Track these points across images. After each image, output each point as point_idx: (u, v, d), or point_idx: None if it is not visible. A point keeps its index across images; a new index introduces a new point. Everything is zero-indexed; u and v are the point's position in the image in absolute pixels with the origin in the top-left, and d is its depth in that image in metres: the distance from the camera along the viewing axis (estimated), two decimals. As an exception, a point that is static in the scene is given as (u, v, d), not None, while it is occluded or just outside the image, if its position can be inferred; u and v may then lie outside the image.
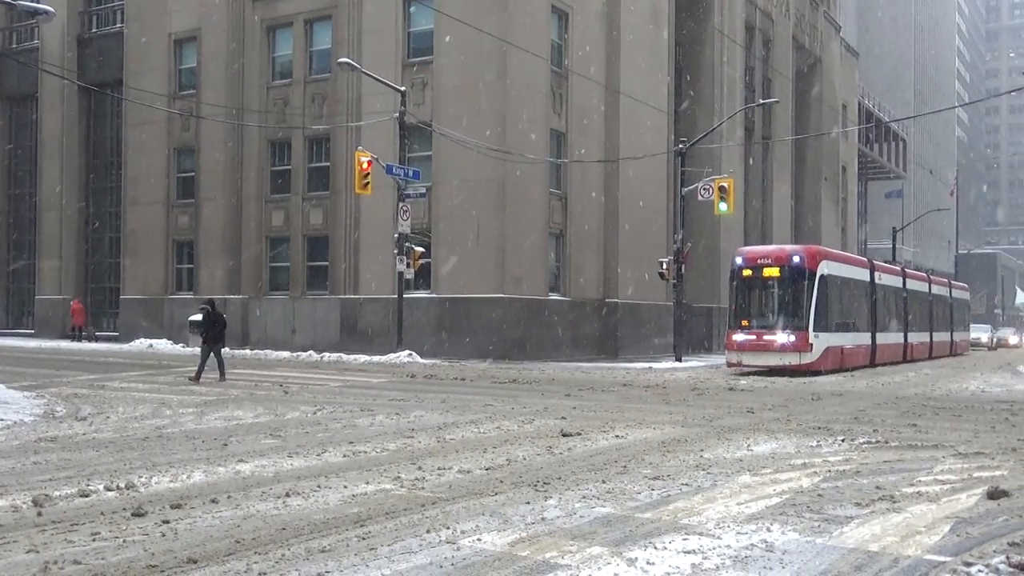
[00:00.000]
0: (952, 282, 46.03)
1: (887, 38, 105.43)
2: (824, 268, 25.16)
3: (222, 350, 19.58)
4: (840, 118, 57.15)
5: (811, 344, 24.06)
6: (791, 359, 24.00)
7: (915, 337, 34.62)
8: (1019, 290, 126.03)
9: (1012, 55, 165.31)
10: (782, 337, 24.24)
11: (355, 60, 29.60)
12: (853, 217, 63.80)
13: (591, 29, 33.13)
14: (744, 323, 25.12)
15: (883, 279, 31.38)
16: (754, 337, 24.77)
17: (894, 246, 57.14)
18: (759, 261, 25.36)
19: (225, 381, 18.58)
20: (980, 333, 57.60)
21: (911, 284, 35.10)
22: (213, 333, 19.35)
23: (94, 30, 41.52)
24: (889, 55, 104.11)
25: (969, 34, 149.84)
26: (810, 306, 24.28)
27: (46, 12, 20.03)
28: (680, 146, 31.33)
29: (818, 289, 24.52)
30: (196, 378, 18.59)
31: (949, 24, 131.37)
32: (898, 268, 35.59)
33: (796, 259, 24.85)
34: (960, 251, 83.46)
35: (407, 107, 28.61)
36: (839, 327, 26.21)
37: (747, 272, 25.37)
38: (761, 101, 40.97)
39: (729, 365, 25.59)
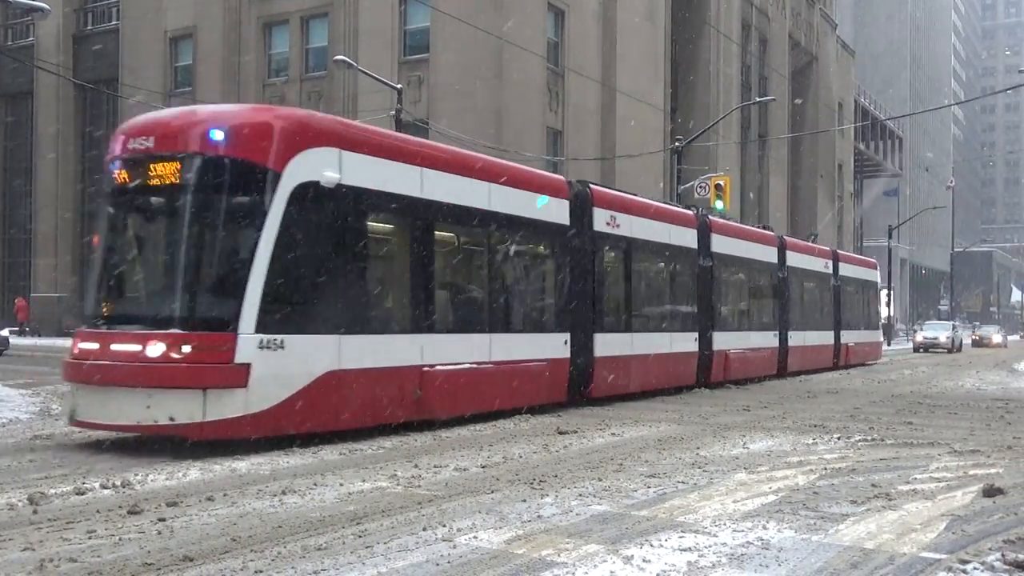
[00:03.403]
0: (839, 253, 29.70)
1: (883, 36, 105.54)
2: (311, 161, 9.79)
3: None
4: (836, 116, 57.22)
5: (243, 366, 9.13)
6: (181, 410, 8.94)
7: (731, 340, 19.77)
8: (1015, 288, 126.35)
9: (1008, 53, 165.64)
10: (156, 348, 9.08)
11: (351, 58, 29.56)
12: (849, 215, 63.90)
13: (587, 27, 33.12)
14: (105, 309, 10.05)
15: (642, 228, 16.52)
16: (102, 346, 9.53)
17: (890, 244, 57.19)
18: (143, 145, 9.71)
19: None
20: (937, 331, 47.55)
21: (744, 249, 21.08)
22: None
23: (90, 27, 41.42)
24: (885, 53, 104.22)
25: (965, 32, 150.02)
26: (254, 266, 9.22)
27: (41, 9, 20.01)
28: (676, 144, 31.35)
29: (284, 218, 9.46)
30: None
31: (945, 22, 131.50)
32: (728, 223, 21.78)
33: (219, 136, 9.49)
34: (956, 249, 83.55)
35: (403, 105, 28.57)
36: (358, 325, 10.44)
37: (127, 179, 9.87)
38: (757, 99, 41.00)
39: (74, 423, 9.78)
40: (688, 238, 18.22)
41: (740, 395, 17.32)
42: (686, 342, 17.85)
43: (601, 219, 15.00)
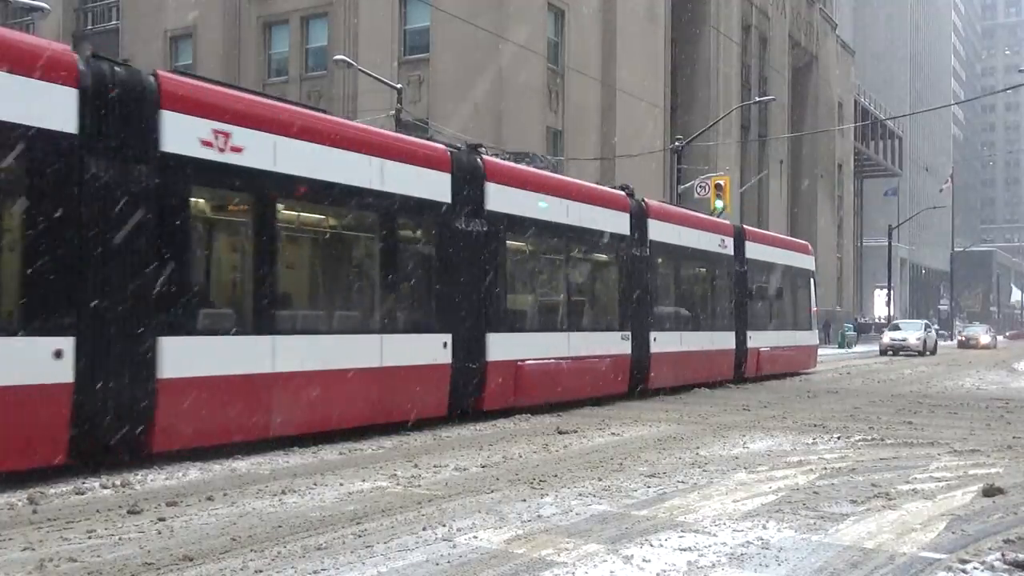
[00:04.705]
0: (748, 230, 21.85)
1: (883, 36, 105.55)
2: None
3: None
4: (836, 115, 57.22)
5: None
6: None
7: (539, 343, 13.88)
8: (1015, 288, 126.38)
9: (1008, 52, 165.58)
10: None
11: (351, 57, 29.56)
12: (849, 214, 63.90)
13: (587, 27, 33.12)
14: None
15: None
16: None
17: (890, 244, 57.20)
18: None
19: None
20: (906, 332, 41.02)
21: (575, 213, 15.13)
22: None
23: (90, 27, 41.41)
24: (885, 53, 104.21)
25: (965, 32, 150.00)
26: None
27: (41, 8, 20.01)
28: (676, 144, 31.35)
29: None
30: None
31: (945, 22, 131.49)
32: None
33: None
34: (956, 249, 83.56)
35: (403, 105, 28.57)
36: None
37: None
38: (757, 99, 41.00)
39: None
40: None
41: (739, 395, 17.30)
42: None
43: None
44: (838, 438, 10.58)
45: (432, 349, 11.32)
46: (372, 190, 10.56)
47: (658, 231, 16.76)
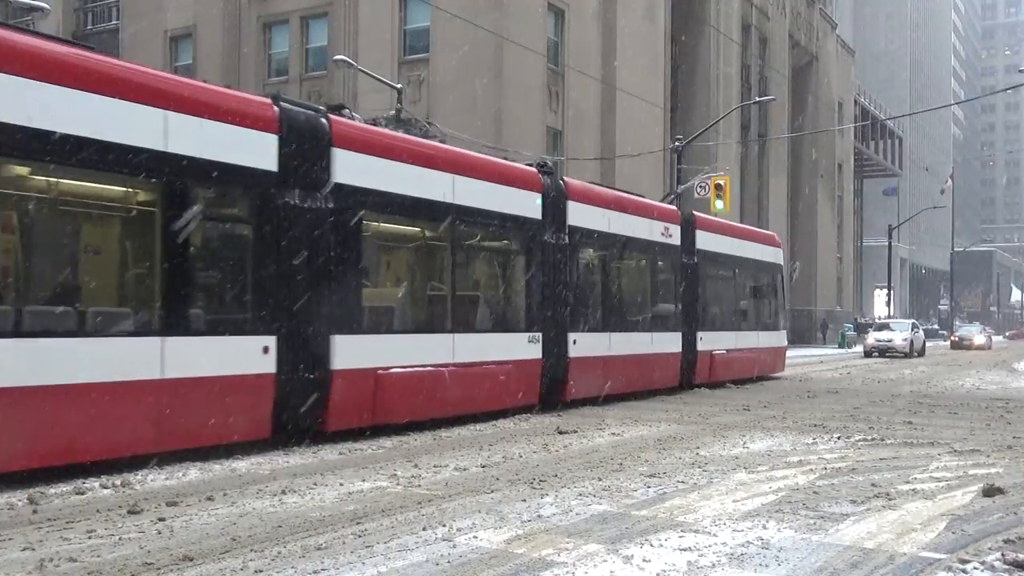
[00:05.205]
0: (700, 218, 19.20)
1: (883, 35, 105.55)
2: None
3: None
4: (836, 116, 57.22)
5: None
6: None
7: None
8: (1015, 288, 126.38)
9: (1008, 52, 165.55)
10: None
11: (351, 57, 29.54)
12: (849, 214, 63.87)
13: (587, 27, 33.13)
14: None
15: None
16: None
17: (890, 244, 57.18)
18: None
19: None
20: (892, 332, 37.84)
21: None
22: None
23: (89, 27, 41.39)
24: (885, 53, 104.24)
25: (965, 31, 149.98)
26: None
27: (41, 8, 20.01)
28: (676, 144, 31.33)
29: None
30: None
31: (945, 21, 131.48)
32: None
33: None
34: (956, 249, 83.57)
35: (403, 105, 28.54)
36: None
37: None
38: (757, 99, 41.00)
39: None
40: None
41: (739, 395, 17.30)
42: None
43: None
44: (838, 438, 10.58)
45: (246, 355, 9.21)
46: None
47: (581, 215, 14.49)
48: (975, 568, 5.06)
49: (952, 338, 53.19)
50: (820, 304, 55.54)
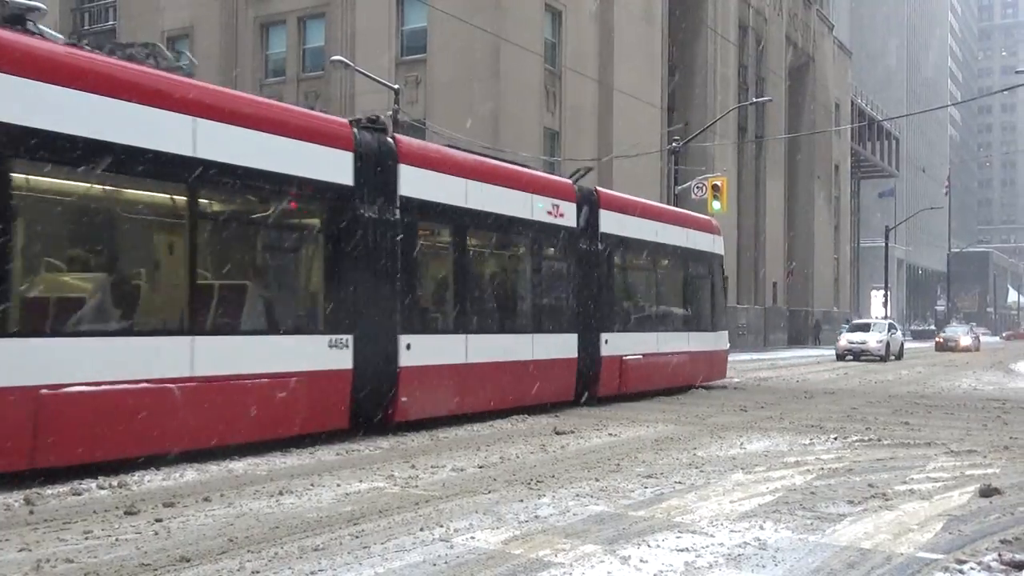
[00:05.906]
0: (605, 194, 16.25)
1: (880, 37, 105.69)
2: None
3: None
4: (833, 117, 57.31)
5: None
6: None
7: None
8: (1011, 289, 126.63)
9: (1004, 54, 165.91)
10: None
11: (348, 58, 29.56)
12: (846, 215, 63.98)
13: (584, 27, 33.16)
14: None
15: None
16: None
17: (887, 245, 57.27)
18: None
19: None
20: (865, 334, 34.84)
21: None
22: None
23: (86, 27, 41.37)
24: (882, 54, 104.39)
25: (962, 33, 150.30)
26: None
27: (37, 9, 19.96)
28: (674, 145, 31.37)
29: None
30: None
31: (942, 23, 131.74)
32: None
33: None
34: (953, 250, 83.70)
35: (401, 105, 28.56)
36: None
37: None
38: (754, 100, 41.06)
39: None
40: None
41: (736, 395, 17.31)
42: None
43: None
44: (835, 439, 10.58)
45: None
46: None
47: (418, 186, 11.28)
48: (972, 568, 5.06)
49: (937, 339, 50.49)
50: (817, 305, 55.64)
